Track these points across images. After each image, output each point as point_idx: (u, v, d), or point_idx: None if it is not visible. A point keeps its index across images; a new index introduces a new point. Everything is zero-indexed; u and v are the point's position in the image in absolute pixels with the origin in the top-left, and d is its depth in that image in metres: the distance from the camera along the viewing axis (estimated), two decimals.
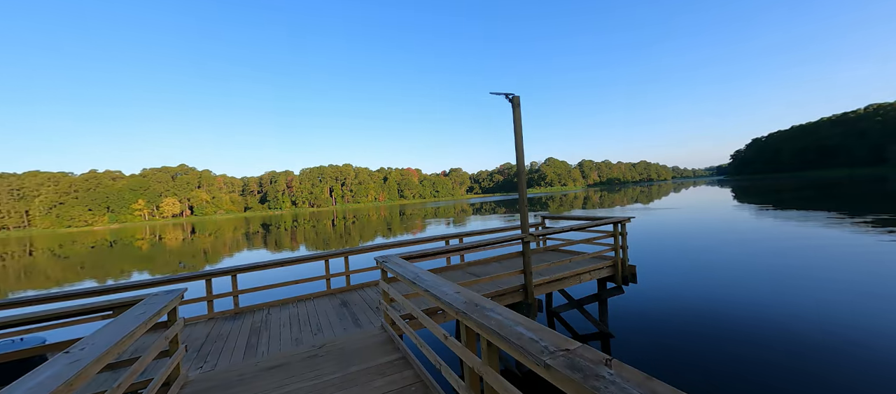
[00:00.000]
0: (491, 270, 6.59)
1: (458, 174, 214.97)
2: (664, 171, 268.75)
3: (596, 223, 6.28)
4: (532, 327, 1.71)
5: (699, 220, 20.60)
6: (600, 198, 58.99)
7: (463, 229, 20.29)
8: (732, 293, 7.91)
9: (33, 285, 16.05)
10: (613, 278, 6.49)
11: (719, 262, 10.74)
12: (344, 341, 4.01)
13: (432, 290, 2.60)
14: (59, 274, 18.76)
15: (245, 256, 20.71)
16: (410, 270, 3.36)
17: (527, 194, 5.83)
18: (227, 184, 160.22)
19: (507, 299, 5.27)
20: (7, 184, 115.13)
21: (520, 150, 5.37)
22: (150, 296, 3.08)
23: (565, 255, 7.15)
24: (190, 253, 24.22)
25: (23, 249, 39.54)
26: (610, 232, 6.48)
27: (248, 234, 37.24)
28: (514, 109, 5.41)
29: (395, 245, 6.94)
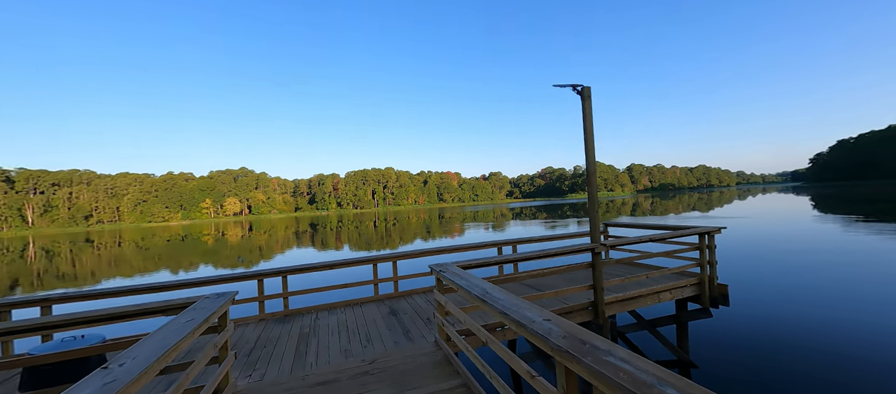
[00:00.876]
0: (552, 283, 5.94)
1: (498, 178, 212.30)
2: (727, 176, 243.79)
3: (676, 234, 5.39)
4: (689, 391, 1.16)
5: (780, 232, 17.96)
6: (651, 204, 54.69)
7: (516, 235, 19.48)
8: (851, 327, 6.46)
9: (121, 272, 17.99)
10: (699, 299, 5.53)
11: (826, 285, 9.00)
12: (396, 356, 3.65)
13: (511, 312, 2.12)
14: (140, 264, 20.89)
15: (295, 253, 21.65)
16: (477, 284, 2.90)
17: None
18: (281, 185, 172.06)
19: (575, 317, 4.62)
20: (104, 184, 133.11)
21: (590, 147, 4.73)
22: (201, 299, 2.93)
23: (639, 269, 6.29)
24: (247, 249, 25.88)
25: (114, 241, 45.10)
26: (694, 244, 5.54)
27: (298, 232, 39.28)
28: (584, 102, 4.78)
29: (444, 250, 6.55)
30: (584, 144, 4.76)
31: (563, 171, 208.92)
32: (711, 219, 27.29)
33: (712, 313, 5.53)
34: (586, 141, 4.72)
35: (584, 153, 4.75)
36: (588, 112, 4.75)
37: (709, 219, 27.52)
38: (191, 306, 2.77)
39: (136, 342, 2.15)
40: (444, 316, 3.81)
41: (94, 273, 18.54)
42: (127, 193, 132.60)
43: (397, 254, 6.17)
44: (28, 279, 17.38)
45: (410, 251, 6.41)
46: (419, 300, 5.74)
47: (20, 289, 15.13)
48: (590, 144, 4.72)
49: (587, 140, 4.72)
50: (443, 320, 3.76)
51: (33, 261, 25.66)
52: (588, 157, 4.71)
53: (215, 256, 23.20)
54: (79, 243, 43.19)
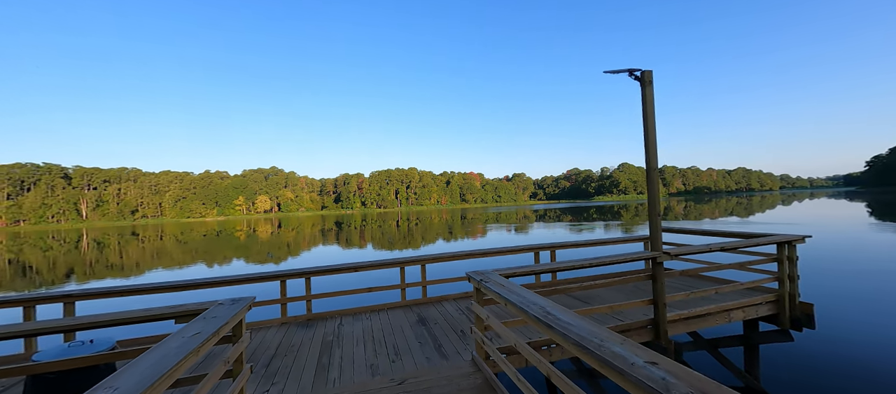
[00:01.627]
0: (601, 295, 5.32)
1: (522, 179, 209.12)
2: (769, 179, 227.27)
3: (750, 242, 4.63)
4: None
5: (850, 243, 16.11)
6: (685, 208, 51.59)
7: (548, 238, 18.58)
8: None
9: (163, 264, 18.85)
10: (776, 319, 4.74)
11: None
12: (429, 376, 3.20)
13: (593, 346, 1.60)
14: (180, 256, 21.83)
15: (320, 250, 21.85)
16: (533, 301, 2.40)
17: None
18: (308, 184, 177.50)
19: (632, 336, 4.00)
20: (149, 181, 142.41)
21: (651, 139, 4.09)
22: (215, 305, 2.60)
23: (705, 282, 5.53)
24: (276, 245, 26.47)
25: (156, 234, 47.81)
26: (771, 256, 4.75)
27: (323, 230, 40.00)
28: (644, 89, 4.15)
29: (475, 254, 6.06)
30: (643, 136, 4.13)
31: (590, 172, 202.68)
32: (752, 224, 25.15)
33: (794, 336, 4.71)
34: (647, 133, 4.09)
35: (644, 146, 4.11)
36: (649, 100, 4.11)
37: (749, 224, 25.38)
38: (202, 315, 2.44)
39: (140, 355, 1.85)
40: (484, 331, 3.32)
41: (138, 264, 19.52)
42: (169, 190, 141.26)
43: (426, 257, 5.74)
44: (81, 269, 18.52)
45: (439, 254, 6.04)
46: (450, 308, 5.29)
47: (74, 277, 16.03)
48: (651, 137, 4.08)
49: (648, 132, 4.08)
50: (482, 336, 3.28)
51: (86, 252, 27.44)
52: (648, 151, 4.08)
53: (246, 250, 23.86)
54: (126, 236, 46.15)
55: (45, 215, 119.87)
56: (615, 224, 30.60)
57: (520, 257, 7.19)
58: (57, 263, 21.05)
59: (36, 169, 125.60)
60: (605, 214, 45.67)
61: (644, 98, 4.17)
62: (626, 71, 4.32)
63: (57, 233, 66.08)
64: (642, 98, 4.19)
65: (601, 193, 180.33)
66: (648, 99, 4.14)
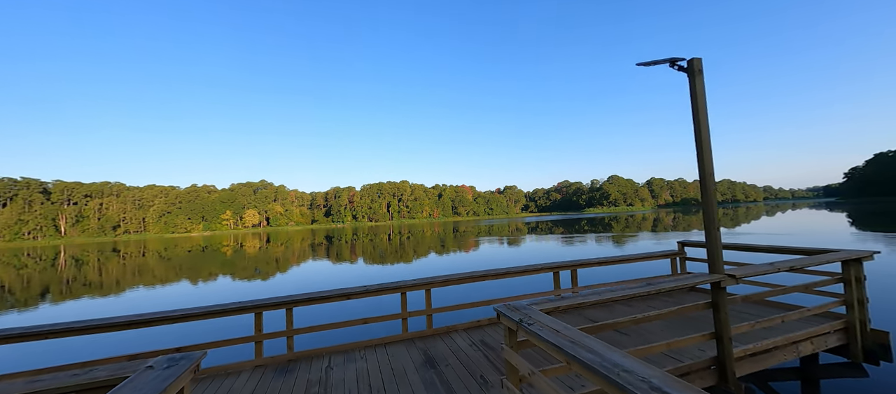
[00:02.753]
0: (644, 326, 4.59)
1: (513, 192, 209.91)
2: (753, 191, 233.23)
3: (813, 260, 3.97)
4: None
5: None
6: (674, 220, 51.74)
7: (575, 256, 17.09)
8: None
9: (144, 282, 17.51)
10: (846, 350, 4.05)
11: None
12: None
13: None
14: (162, 273, 20.43)
15: (310, 266, 20.73)
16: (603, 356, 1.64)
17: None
18: (298, 198, 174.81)
19: (694, 379, 3.25)
20: (132, 196, 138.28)
21: (704, 135, 3.44)
22: (141, 372, 1.77)
23: (768, 309, 4.78)
24: (264, 260, 25.19)
25: (138, 250, 45.68)
26: (835, 275, 4.10)
27: (313, 245, 38.65)
28: (693, 79, 3.52)
29: (488, 276, 5.26)
30: (694, 136, 3.48)
31: (580, 185, 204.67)
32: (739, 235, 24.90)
33: (867, 370, 4.02)
34: (699, 132, 3.43)
35: (696, 148, 3.45)
36: (700, 94, 3.47)
37: (737, 235, 25.11)
38: (122, 386, 1.61)
39: None
40: (519, 384, 2.54)
41: (118, 282, 18.14)
42: (153, 205, 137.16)
43: (432, 280, 4.95)
44: (57, 287, 17.08)
45: (446, 277, 5.18)
46: (461, 342, 4.49)
47: (50, 296, 14.70)
48: (704, 136, 3.42)
49: (700, 131, 3.43)
50: (516, 392, 2.49)
51: (63, 269, 25.74)
52: (701, 153, 3.41)
53: (233, 266, 22.56)
54: (106, 253, 43.90)
55: (21, 232, 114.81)
56: (607, 236, 30.14)
57: (538, 279, 6.45)
58: (31, 282, 19.49)
59: (13, 183, 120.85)
60: (596, 226, 45.37)
61: (693, 92, 3.53)
62: (667, 61, 3.69)
63: (32, 250, 62.90)
64: (691, 92, 3.55)
65: (592, 205, 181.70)
66: (699, 93, 3.50)
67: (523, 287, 8.05)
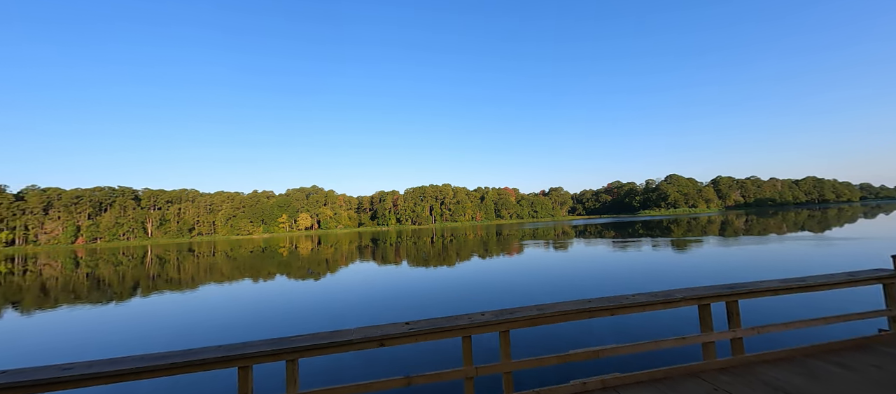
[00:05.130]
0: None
1: (559, 194, 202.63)
2: (847, 189, 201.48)
3: None
4: None
5: None
6: (746, 223, 46.03)
7: (727, 277, 11.96)
8: None
9: (214, 279, 19.48)
10: None
11: None
12: None
13: None
14: (228, 272, 22.56)
15: (357, 267, 21.55)
16: None
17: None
18: (346, 202, 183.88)
19: None
20: (205, 201, 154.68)
21: None
22: None
23: None
24: (315, 261, 26.70)
25: (209, 250, 50.93)
26: None
27: (360, 247, 40.28)
28: None
29: (585, 311, 3.44)
30: None
31: (634, 185, 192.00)
32: (834, 242, 21.40)
33: None
34: None
35: None
36: None
37: (826, 241, 21.60)
38: None
39: None
40: None
41: (193, 278, 20.40)
42: (221, 209, 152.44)
43: (510, 317, 3.23)
44: (145, 282, 19.65)
45: (527, 314, 3.31)
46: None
47: (139, 290, 16.88)
48: None
49: None
50: None
51: (150, 266, 29.40)
52: None
53: (288, 266, 24.19)
54: (183, 252, 49.57)
55: (118, 233, 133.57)
56: (665, 241, 27.71)
57: (672, 315, 4.89)
58: (125, 277, 22.55)
59: (112, 192, 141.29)
60: (653, 230, 42.04)
61: None
62: None
63: (126, 249, 72.85)
64: None
65: (647, 206, 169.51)
66: None
67: (644, 325, 5.70)
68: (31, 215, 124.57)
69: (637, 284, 12.08)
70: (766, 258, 16.36)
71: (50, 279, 23.73)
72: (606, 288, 11.67)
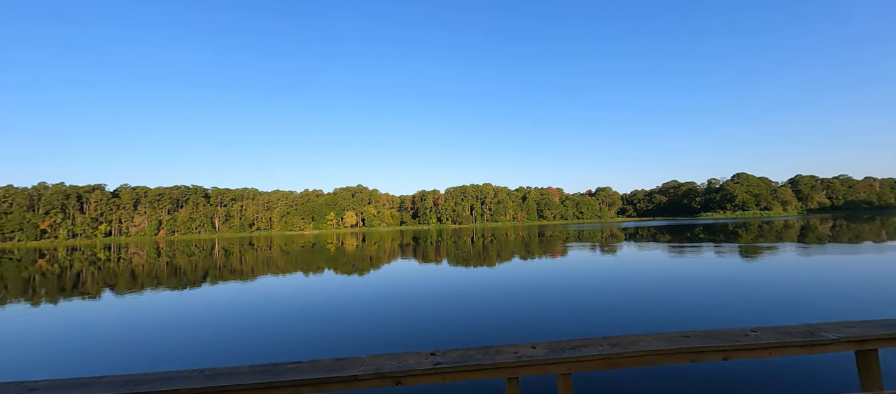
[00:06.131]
0: None
1: (607, 194, 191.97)
2: None
3: None
4: None
5: None
6: (833, 228, 39.67)
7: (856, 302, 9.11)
8: None
9: (271, 271, 21.06)
10: None
11: None
12: None
13: None
14: (283, 264, 24.27)
15: (399, 265, 21.97)
16: None
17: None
18: (389, 201, 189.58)
19: None
20: (263, 199, 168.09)
21: None
22: None
23: None
24: (360, 257, 27.72)
25: (266, 245, 55.25)
26: None
27: (402, 245, 41.17)
28: None
29: (692, 351, 2.47)
30: None
31: (693, 185, 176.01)
32: None
33: None
34: None
35: None
36: None
37: None
38: None
39: None
40: None
41: (253, 269, 22.23)
42: (277, 207, 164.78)
43: (569, 355, 2.41)
44: (213, 272, 21.77)
45: (599, 353, 2.46)
46: None
47: (208, 278, 18.71)
48: None
49: None
50: None
51: (217, 258, 32.55)
52: None
53: (335, 261, 25.36)
54: (244, 246, 54.30)
55: (191, 227, 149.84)
56: (735, 247, 24.81)
57: (812, 363, 3.83)
58: (197, 267, 25.16)
59: (187, 190, 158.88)
60: (717, 234, 37.90)
61: None
62: None
63: (198, 242, 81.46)
64: None
65: (710, 208, 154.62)
66: None
67: (768, 374, 4.51)
68: (123, 211, 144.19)
69: (730, 310, 8.78)
70: None
71: (138, 266, 27.17)
72: (691, 313, 8.64)
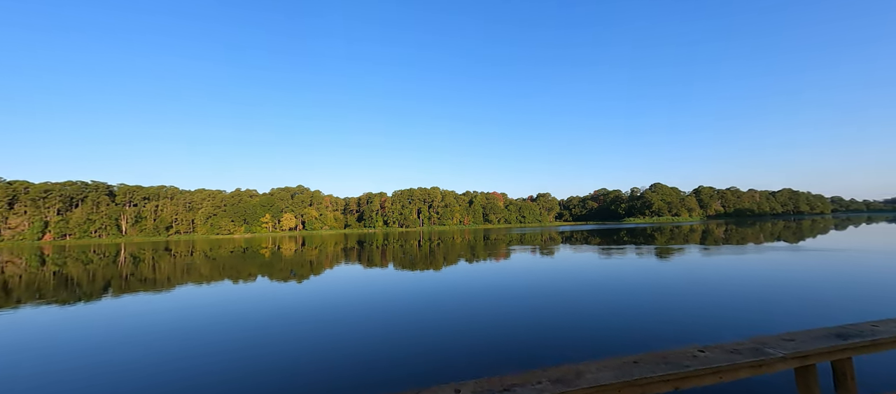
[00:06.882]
0: None
1: (547, 200, 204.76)
2: (819, 202, 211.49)
3: None
4: None
5: None
6: (726, 232, 47.29)
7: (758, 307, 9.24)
8: None
9: (192, 280, 18.48)
10: None
11: None
12: None
13: None
14: (208, 273, 21.50)
15: (343, 269, 20.93)
16: None
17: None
18: (332, 203, 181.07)
19: None
20: (184, 199, 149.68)
21: None
22: None
23: None
24: (299, 263, 25.86)
25: (187, 250, 48.98)
26: None
27: (346, 249, 39.45)
28: None
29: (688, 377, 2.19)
30: None
31: (619, 193, 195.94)
32: (806, 251, 22.08)
33: None
34: None
35: None
36: None
37: (801, 251, 22.28)
38: None
39: None
40: None
41: (169, 278, 19.33)
42: (201, 208, 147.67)
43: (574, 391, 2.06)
44: (117, 282, 18.46)
45: (600, 381, 2.08)
46: None
47: (110, 291, 15.80)
48: None
49: None
50: None
51: (123, 266, 27.88)
52: None
53: (271, 267, 23.33)
54: (159, 251, 47.52)
55: (89, 230, 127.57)
56: (651, 249, 28.06)
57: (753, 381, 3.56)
58: (95, 276, 21.23)
59: (85, 187, 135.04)
60: (637, 237, 42.64)
61: None
62: None
63: (97, 247, 69.45)
64: None
65: (632, 214, 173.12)
66: None
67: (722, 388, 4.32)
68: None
69: (669, 316, 8.63)
70: None
71: (12, 277, 22.18)
72: (632, 322, 8.09)
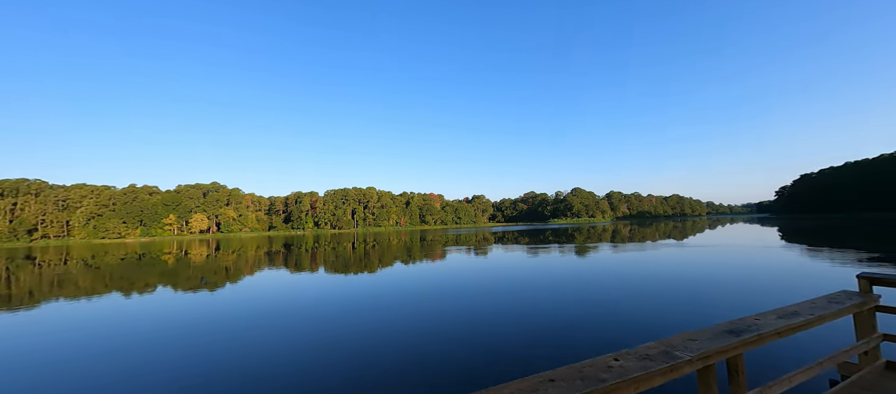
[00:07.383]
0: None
1: (481, 201, 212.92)
2: (698, 206, 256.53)
3: None
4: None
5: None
6: (631, 231, 54.72)
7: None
8: None
9: (65, 294, 14.86)
10: None
11: None
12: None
13: None
14: (89, 285, 17.59)
15: (265, 275, 18.98)
16: None
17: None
18: (255, 202, 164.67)
19: None
20: (55, 195, 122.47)
21: None
22: None
23: None
24: (212, 269, 22.82)
25: (59, 258, 39.90)
26: None
27: (269, 253, 36.03)
28: None
29: None
30: None
31: (545, 196, 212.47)
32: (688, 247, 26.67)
33: None
34: None
35: None
36: None
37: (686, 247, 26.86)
38: None
39: None
40: None
41: (31, 293, 15.32)
42: (80, 207, 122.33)
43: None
44: None
45: None
46: None
47: None
48: None
49: None
50: None
51: None
52: None
53: (175, 276, 20.09)
54: (17, 260, 37.88)
55: None
56: (571, 246, 30.91)
57: None
58: None
59: None
60: (559, 236, 46.73)
61: None
62: None
63: None
64: None
65: (556, 215, 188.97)
66: None
67: None
68: None
69: (584, 317, 8.66)
70: None
71: None
72: (547, 326, 7.99)
